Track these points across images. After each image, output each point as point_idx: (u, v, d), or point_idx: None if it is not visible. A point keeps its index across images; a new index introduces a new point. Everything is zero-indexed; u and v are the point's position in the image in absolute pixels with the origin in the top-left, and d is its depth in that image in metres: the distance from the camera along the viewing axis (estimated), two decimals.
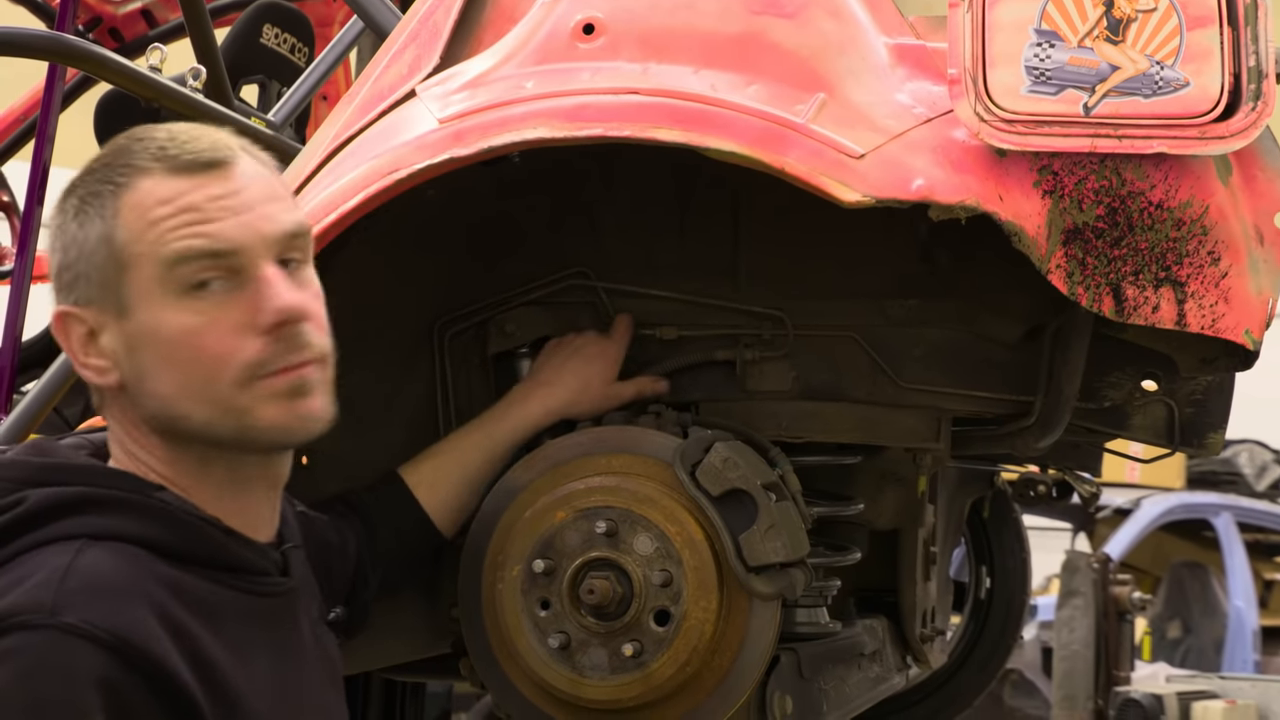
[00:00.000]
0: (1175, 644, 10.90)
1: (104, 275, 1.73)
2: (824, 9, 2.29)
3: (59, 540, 1.66)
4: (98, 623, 1.59)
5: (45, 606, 1.59)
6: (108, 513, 1.69)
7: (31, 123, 4.30)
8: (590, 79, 2.24)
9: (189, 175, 1.74)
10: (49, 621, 1.58)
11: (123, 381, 1.75)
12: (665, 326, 2.51)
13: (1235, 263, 2.14)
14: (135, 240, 1.73)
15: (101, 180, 1.75)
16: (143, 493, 1.72)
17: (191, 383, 1.74)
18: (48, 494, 1.70)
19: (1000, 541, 3.46)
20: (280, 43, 4.01)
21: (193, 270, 1.73)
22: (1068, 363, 2.40)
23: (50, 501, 1.69)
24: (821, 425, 2.49)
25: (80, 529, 1.68)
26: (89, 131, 3.86)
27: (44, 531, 1.67)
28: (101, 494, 1.71)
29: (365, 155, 2.28)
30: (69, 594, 1.60)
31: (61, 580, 1.62)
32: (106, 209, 1.74)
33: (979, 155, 2.13)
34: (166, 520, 1.71)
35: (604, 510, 2.24)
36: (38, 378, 2.93)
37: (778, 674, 2.33)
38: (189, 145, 1.75)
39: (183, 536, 1.71)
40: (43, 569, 1.63)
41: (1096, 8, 2.11)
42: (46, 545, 1.66)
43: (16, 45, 2.97)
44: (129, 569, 1.65)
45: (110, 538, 1.67)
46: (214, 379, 1.74)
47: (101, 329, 1.74)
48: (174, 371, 1.74)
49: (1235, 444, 11.69)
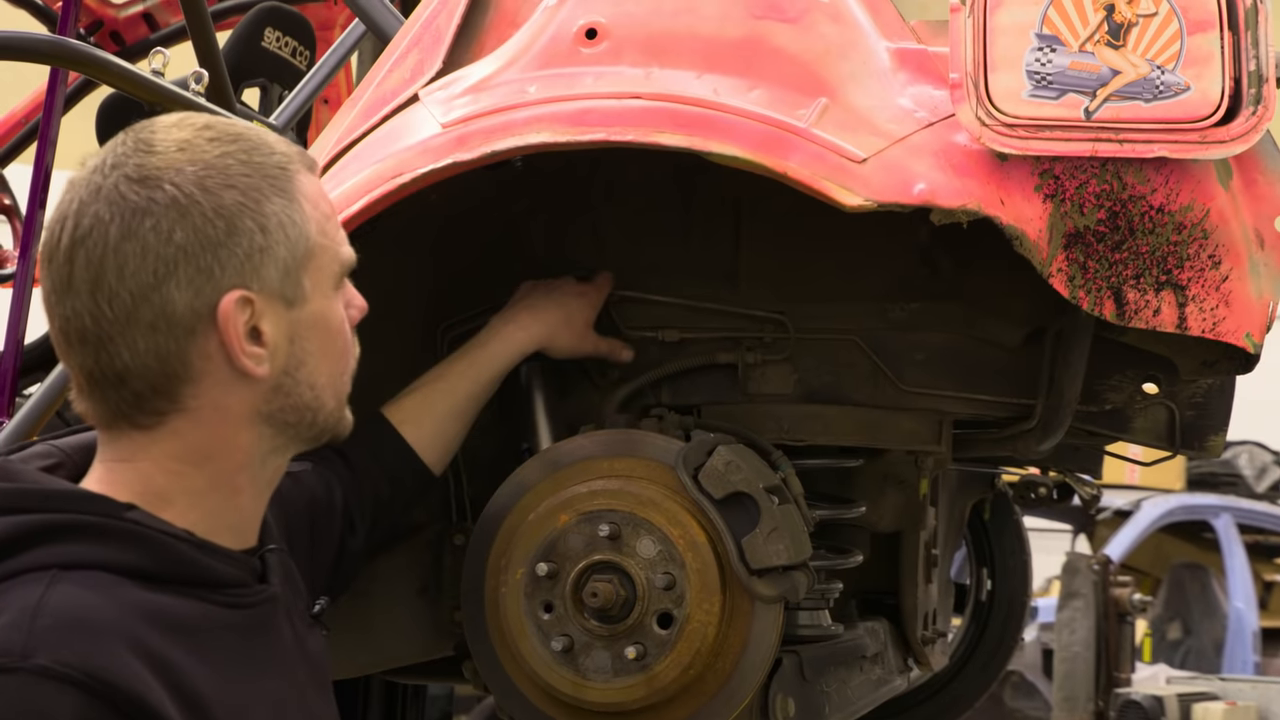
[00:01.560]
0: (1175, 645, 10.91)
1: (289, 256, 1.69)
2: (826, 13, 2.29)
3: (27, 572, 1.59)
4: (73, 663, 1.52)
5: (17, 649, 1.52)
6: (77, 539, 1.62)
7: (33, 126, 4.31)
8: (593, 84, 2.25)
9: (313, 173, 1.77)
10: (21, 665, 1.51)
11: (273, 373, 1.70)
12: (667, 329, 2.52)
13: (1236, 266, 2.15)
14: (318, 232, 1.73)
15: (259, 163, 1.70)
16: (113, 515, 1.64)
17: (336, 373, 1.77)
18: (12, 523, 1.62)
19: (1001, 543, 3.47)
20: (282, 46, 4.02)
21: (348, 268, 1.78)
22: (1069, 366, 2.40)
23: (16, 531, 1.61)
24: (823, 428, 2.50)
25: (49, 559, 1.60)
26: (91, 135, 3.86)
27: (12, 563, 1.59)
28: (70, 520, 1.63)
29: (369, 160, 2.28)
30: (41, 633, 1.53)
31: (33, 619, 1.54)
32: (283, 193, 1.70)
33: (980, 159, 2.14)
34: (138, 542, 1.64)
35: (607, 513, 2.25)
36: (40, 381, 2.93)
37: (780, 676, 2.33)
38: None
39: (156, 558, 1.64)
40: (12, 607, 1.55)
41: (1097, 12, 2.12)
42: (14, 578, 1.58)
43: (19, 49, 2.97)
44: (103, 602, 1.58)
45: (81, 566, 1.60)
46: (346, 372, 1.80)
47: (263, 317, 1.68)
48: (330, 361, 1.76)
49: (1235, 445, 11.70)
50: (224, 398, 1.69)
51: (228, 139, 1.70)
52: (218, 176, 1.67)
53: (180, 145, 1.67)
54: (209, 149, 1.68)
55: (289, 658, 1.79)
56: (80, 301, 1.65)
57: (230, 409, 1.70)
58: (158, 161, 1.66)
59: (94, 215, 1.65)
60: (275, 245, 1.68)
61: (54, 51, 3.01)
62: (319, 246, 1.72)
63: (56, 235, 1.66)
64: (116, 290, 1.64)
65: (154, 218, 1.64)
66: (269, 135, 1.74)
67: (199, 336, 1.66)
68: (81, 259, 1.64)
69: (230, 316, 1.65)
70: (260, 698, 1.71)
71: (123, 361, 1.65)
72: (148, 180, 1.65)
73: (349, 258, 1.78)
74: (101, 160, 1.68)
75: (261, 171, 1.69)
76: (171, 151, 1.67)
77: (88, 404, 1.70)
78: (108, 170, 1.66)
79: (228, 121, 1.73)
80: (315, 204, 1.73)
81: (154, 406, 1.68)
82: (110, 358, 1.65)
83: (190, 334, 1.66)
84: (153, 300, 1.64)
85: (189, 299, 1.65)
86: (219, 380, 1.68)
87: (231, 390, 1.69)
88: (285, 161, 1.72)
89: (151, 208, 1.64)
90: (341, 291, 1.78)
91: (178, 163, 1.66)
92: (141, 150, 1.67)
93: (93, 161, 1.69)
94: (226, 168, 1.68)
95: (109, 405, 1.69)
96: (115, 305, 1.64)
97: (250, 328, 1.67)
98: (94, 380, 1.68)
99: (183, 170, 1.66)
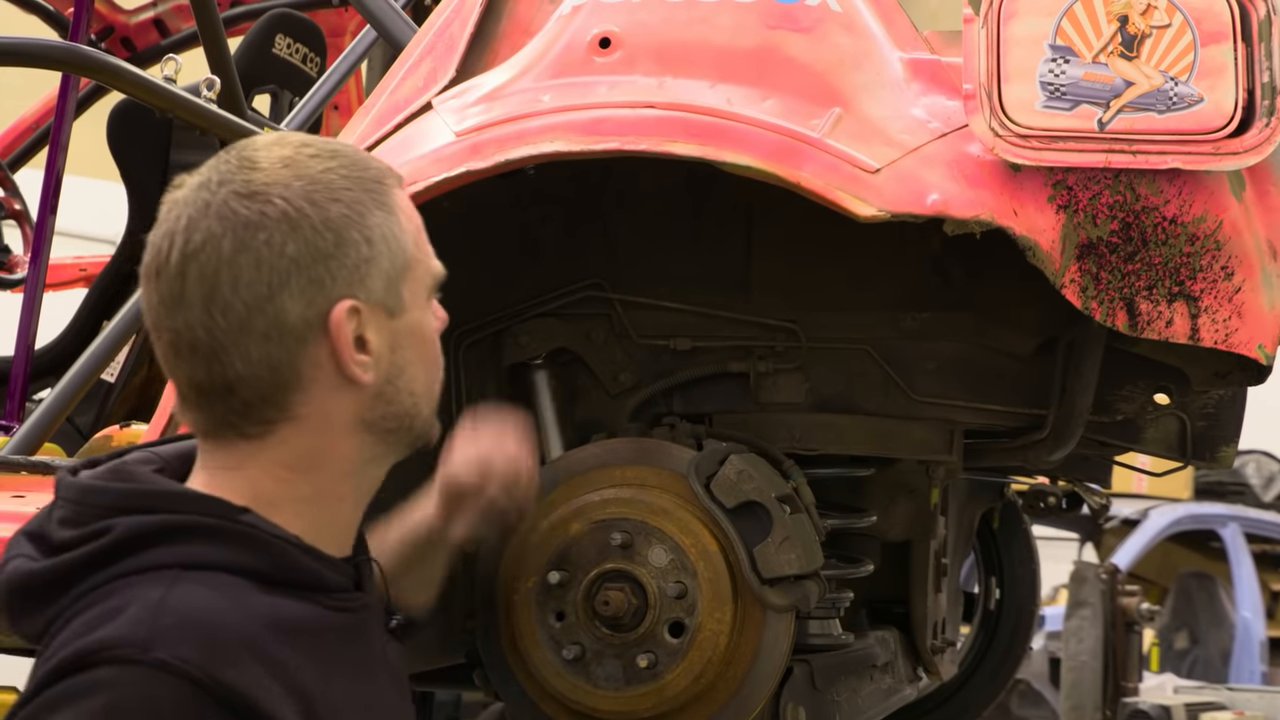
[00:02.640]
0: (1183, 655, 10.89)
1: (391, 268, 1.73)
2: (839, 24, 2.30)
3: (150, 570, 1.63)
4: (192, 660, 1.56)
5: (139, 641, 1.56)
6: (197, 540, 1.66)
7: (44, 131, 4.31)
8: (607, 93, 2.25)
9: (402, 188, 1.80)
10: (142, 657, 1.55)
11: (377, 381, 1.73)
12: (679, 338, 2.52)
13: (1248, 278, 2.15)
14: (414, 244, 1.77)
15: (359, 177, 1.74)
16: (229, 517, 1.69)
17: (430, 380, 1.81)
18: (136, 522, 1.66)
19: (1010, 552, 3.47)
20: (293, 53, 4.02)
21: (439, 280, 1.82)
22: (1080, 376, 2.40)
23: (139, 530, 1.66)
24: (834, 437, 2.50)
25: (171, 559, 1.64)
26: (102, 141, 3.87)
27: (134, 560, 1.64)
28: (190, 521, 1.67)
29: None
30: (164, 629, 1.57)
31: (155, 614, 1.58)
32: (384, 206, 1.74)
33: (994, 170, 2.14)
34: (254, 545, 1.68)
35: (619, 522, 2.25)
36: (51, 386, 2.94)
37: (791, 685, 2.34)
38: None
39: (272, 561, 1.69)
40: (136, 602, 1.60)
41: (1111, 24, 2.12)
42: (137, 575, 1.63)
43: (31, 55, 2.98)
44: (224, 603, 1.62)
45: (202, 567, 1.64)
46: (438, 380, 1.83)
47: (368, 326, 1.71)
48: (426, 369, 1.79)
49: (1243, 455, 11.68)
50: (331, 405, 1.73)
51: (327, 154, 1.74)
52: (324, 190, 1.71)
53: (284, 161, 1.71)
54: (312, 164, 1.72)
55: (378, 665, 1.83)
56: (194, 314, 1.68)
57: (336, 416, 1.73)
58: (264, 177, 1.70)
59: (206, 230, 1.68)
60: (379, 256, 1.72)
61: (66, 57, 3.01)
62: (415, 259, 1.77)
63: (165, 252, 1.69)
64: (231, 302, 1.67)
65: (266, 231, 1.68)
66: (363, 152, 1.79)
67: (310, 345, 1.70)
68: (194, 273, 1.68)
69: (341, 325, 1.69)
70: (357, 702, 1.74)
71: (235, 371, 1.69)
72: (257, 195, 1.69)
73: (439, 270, 1.83)
74: (206, 178, 1.71)
75: (362, 185, 1.73)
76: (277, 168, 1.71)
77: (193, 415, 1.74)
78: (214, 187, 1.70)
79: (325, 140, 1.78)
80: (410, 217, 1.78)
81: (263, 415, 1.71)
82: (223, 368, 1.69)
83: (302, 342, 1.69)
84: (267, 310, 1.68)
85: (301, 308, 1.68)
86: (327, 387, 1.72)
87: (338, 398, 1.73)
88: (381, 175, 1.76)
89: (264, 221, 1.68)
90: (432, 302, 1.82)
91: (284, 178, 1.70)
92: (247, 167, 1.71)
93: (195, 180, 1.72)
94: (330, 182, 1.71)
95: (216, 415, 1.72)
96: (229, 316, 1.67)
97: (357, 336, 1.71)
98: (202, 391, 1.71)
99: (290, 185, 1.70)
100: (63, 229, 3.31)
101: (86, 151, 3.93)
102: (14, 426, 3.00)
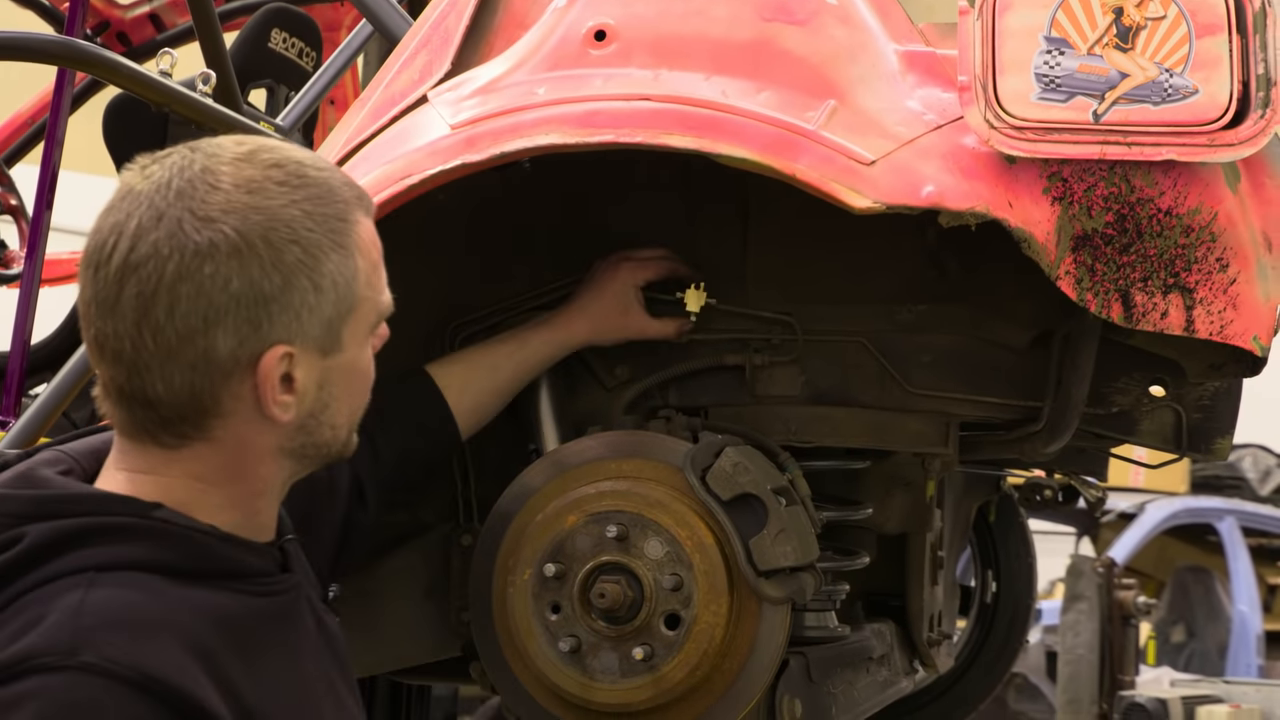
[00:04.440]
0: (1179, 648, 10.91)
1: (334, 312, 1.70)
2: (835, 16, 2.30)
3: (66, 575, 1.60)
4: (118, 658, 1.54)
5: (62, 647, 1.53)
6: (110, 541, 1.64)
7: (40, 126, 4.32)
8: (602, 85, 2.25)
9: (370, 216, 1.77)
10: (68, 662, 1.53)
11: (298, 416, 1.71)
12: None
13: (1244, 269, 2.15)
14: (365, 285, 1.74)
15: (322, 214, 1.70)
16: (141, 514, 1.67)
17: (355, 410, 1.79)
18: (47, 528, 1.63)
19: (1006, 546, 3.47)
20: (289, 47, 4.02)
21: (385, 315, 1.80)
22: (1076, 368, 2.40)
23: (50, 536, 1.63)
24: (830, 430, 2.50)
25: (86, 562, 1.62)
26: (98, 135, 3.87)
27: (49, 568, 1.61)
28: (101, 522, 1.65)
29: (378, 161, 2.29)
30: (86, 632, 1.55)
31: (76, 618, 1.56)
32: (342, 248, 1.71)
33: (989, 162, 2.14)
34: (169, 539, 1.66)
35: (615, 514, 2.25)
36: (47, 381, 2.94)
37: (787, 678, 2.34)
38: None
39: (188, 553, 1.67)
40: (55, 609, 1.57)
41: (1106, 15, 2.12)
42: (52, 582, 1.60)
43: (27, 49, 2.98)
44: (143, 599, 1.61)
45: (118, 567, 1.62)
46: (363, 406, 1.81)
47: (298, 366, 1.69)
48: (352, 400, 1.78)
49: (1239, 448, 11.70)
50: (249, 434, 1.71)
51: (294, 183, 1.69)
52: (282, 230, 1.66)
53: (248, 186, 1.66)
54: (276, 196, 1.67)
55: (314, 644, 1.82)
56: (123, 325, 1.65)
57: (253, 444, 1.72)
58: (223, 202, 1.65)
59: (152, 245, 1.64)
60: (324, 303, 1.69)
61: (62, 52, 3.02)
62: (363, 299, 1.74)
63: (109, 250, 1.65)
64: (163, 326, 1.64)
65: (214, 264, 1.64)
66: (334, 178, 1.74)
67: (234, 380, 1.67)
68: (132, 286, 1.64)
69: (269, 368, 1.67)
70: (293, 683, 1.73)
71: (155, 391, 1.66)
72: (212, 222, 1.64)
73: (387, 306, 1.79)
74: (166, 181, 1.66)
75: (325, 225, 1.69)
76: (239, 193, 1.66)
77: (112, 410, 1.71)
78: (172, 198, 1.65)
79: (297, 160, 1.72)
80: (367, 254, 1.75)
81: (180, 430, 1.69)
82: (144, 384, 1.66)
83: (227, 377, 1.67)
84: (197, 343, 1.65)
85: (233, 346, 1.66)
86: (246, 419, 1.70)
87: (257, 428, 1.71)
88: (346, 212, 1.72)
89: (213, 253, 1.64)
90: (375, 333, 1.80)
91: (243, 207, 1.65)
92: (209, 184, 1.66)
93: (156, 176, 1.67)
94: (290, 220, 1.67)
95: (135, 419, 1.70)
96: (159, 340, 1.64)
97: (284, 374, 1.69)
98: (123, 394, 1.69)
99: (248, 218, 1.65)
100: (58, 224, 3.31)
101: (82, 146, 3.94)
102: (10, 421, 3.01)
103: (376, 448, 2.23)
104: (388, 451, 2.26)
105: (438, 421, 2.34)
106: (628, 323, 2.47)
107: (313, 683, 1.78)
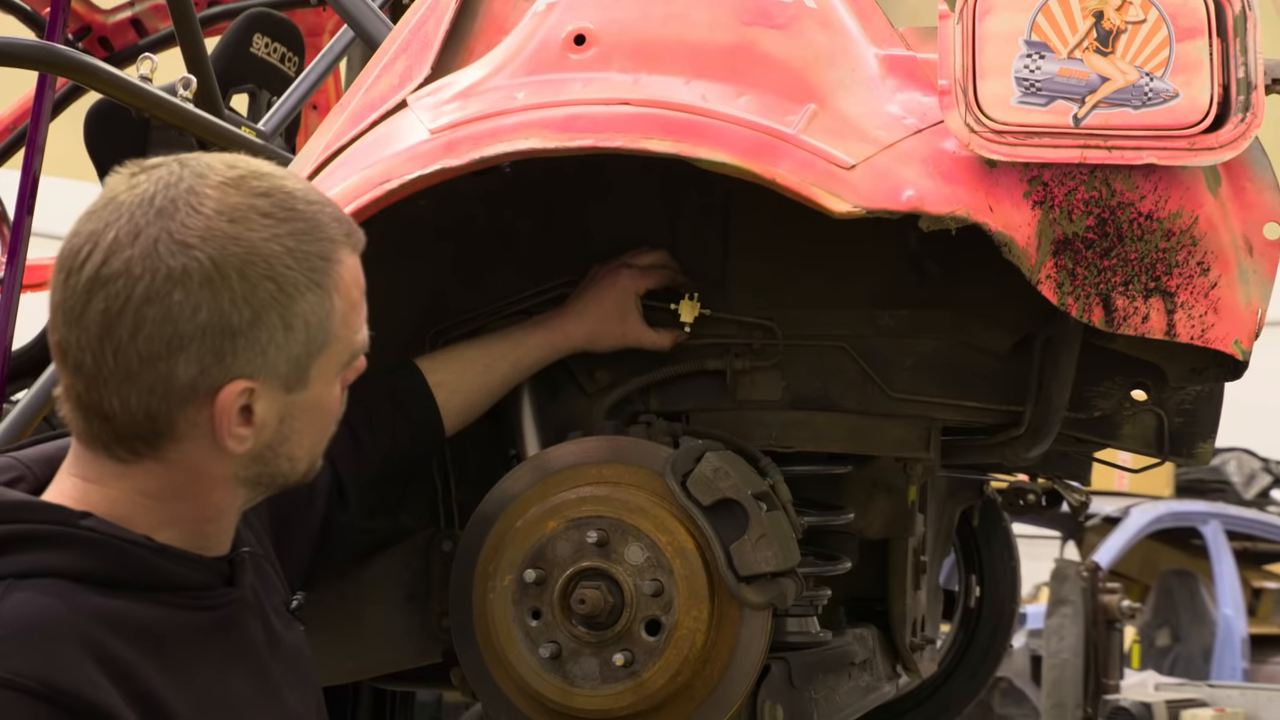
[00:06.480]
0: (1164, 652, 10.91)
1: (303, 350, 1.68)
2: (815, 20, 2.29)
3: None
4: (26, 672, 1.52)
5: None
6: (32, 549, 1.61)
7: (21, 132, 4.30)
8: (581, 90, 2.24)
9: (357, 253, 1.75)
10: None
11: (255, 447, 1.69)
12: None
13: (1225, 273, 2.15)
14: (340, 324, 1.71)
15: (304, 252, 1.67)
16: (68, 523, 1.64)
17: (316, 443, 1.76)
18: None
19: (990, 550, 3.47)
20: (270, 52, 4.02)
21: (358, 354, 1.77)
22: (1057, 373, 2.40)
23: None
24: (812, 435, 2.49)
25: (5, 569, 1.60)
26: (79, 141, 3.86)
27: None
28: (26, 530, 1.63)
29: (357, 165, 2.28)
30: None
31: None
32: (319, 287, 1.68)
33: (969, 166, 2.14)
34: (94, 548, 1.64)
35: (595, 520, 2.25)
36: (27, 387, 2.92)
37: (769, 683, 2.33)
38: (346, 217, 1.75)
39: (113, 563, 1.64)
40: None
41: (1086, 19, 2.12)
42: None
43: (7, 54, 2.96)
44: (57, 608, 1.58)
45: (37, 575, 1.60)
46: (326, 439, 1.79)
47: (259, 399, 1.66)
48: (313, 434, 1.75)
49: (1223, 452, 11.72)
50: (203, 460, 1.69)
51: (281, 215, 1.66)
52: (260, 265, 1.64)
53: (231, 215, 1.64)
54: (259, 228, 1.65)
55: (259, 657, 1.79)
56: (86, 338, 1.63)
57: (206, 470, 1.70)
58: (203, 227, 1.63)
59: (124, 262, 1.61)
60: (293, 341, 1.67)
61: (42, 57, 3.00)
62: (336, 337, 1.71)
63: (81, 258, 1.63)
64: (125, 346, 1.62)
65: (184, 290, 1.61)
66: (324, 212, 1.71)
67: (191, 407, 1.65)
68: (100, 301, 1.62)
69: (228, 401, 1.65)
70: (224, 697, 1.71)
71: (112, 407, 1.65)
72: (189, 248, 1.62)
73: (362, 344, 1.77)
74: (149, 196, 1.64)
75: (305, 263, 1.67)
76: (221, 221, 1.63)
77: (71, 417, 1.69)
78: (152, 215, 1.62)
79: (287, 191, 1.69)
80: (346, 294, 1.71)
81: (133, 447, 1.67)
82: (101, 398, 1.65)
83: (185, 404, 1.65)
84: (158, 368, 1.63)
85: (194, 375, 1.64)
86: (200, 445, 1.68)
87: (210, 455, 1.69)
88: (330, 250, 1.69)
89: (185, 280, 1.61)
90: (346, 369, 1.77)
91: (224, 236, 1.63)
92: (192, 206, 1.63)
93: (141, 188, 1.65)
94: (270, 255, 1.64)
95: (91, 430, 1.68)
96: (120, 359, 1.62)
97: (243, 407, 1.67)
98: (80, 403, 1.67)
99: (226, 248, 1.63)
100: (40, 230, 3.29)
101: (63, 152, 3.92)
102: None
103: (360, 443, 2.22)
104: (372, 448, 2.25)
105: (425, 419, 2.33)
106: (625, 330, 2.46)
107: (247, 694, 1.75)
